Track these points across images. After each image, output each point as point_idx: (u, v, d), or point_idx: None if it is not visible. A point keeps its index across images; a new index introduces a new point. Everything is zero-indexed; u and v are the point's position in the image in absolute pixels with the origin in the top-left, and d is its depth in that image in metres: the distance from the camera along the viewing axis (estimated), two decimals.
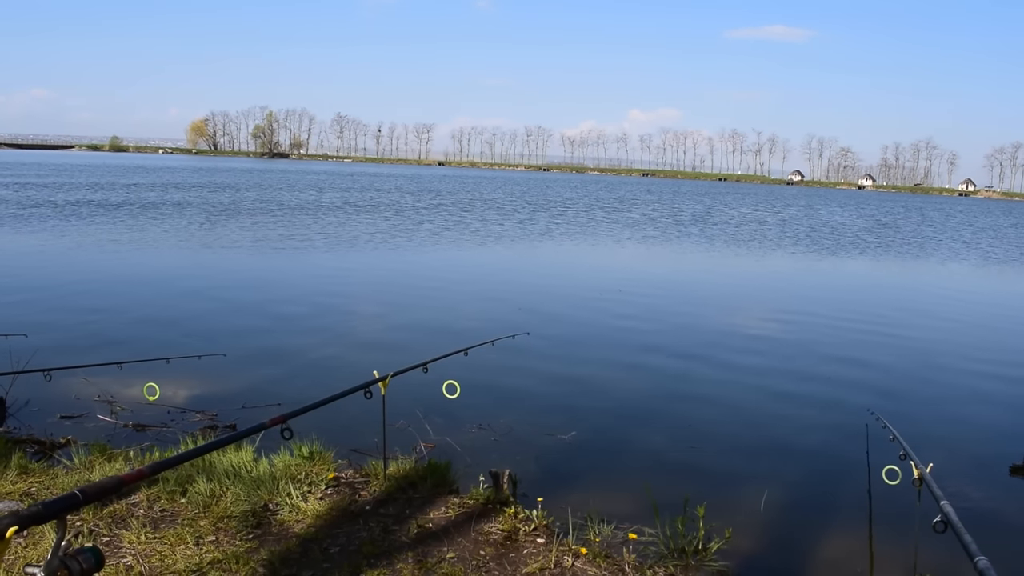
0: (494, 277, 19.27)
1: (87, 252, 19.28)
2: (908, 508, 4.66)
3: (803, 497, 6.70)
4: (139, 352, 8.82)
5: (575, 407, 8.70)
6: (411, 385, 6.42)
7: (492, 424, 7.82)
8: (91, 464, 5.65)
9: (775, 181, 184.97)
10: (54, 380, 6.76)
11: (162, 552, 4.34)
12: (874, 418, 6.05)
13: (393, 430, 6.78)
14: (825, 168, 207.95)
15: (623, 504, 5.98)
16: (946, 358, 12.24)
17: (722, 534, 4.97)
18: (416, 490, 5.42)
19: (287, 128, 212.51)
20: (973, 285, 23.49)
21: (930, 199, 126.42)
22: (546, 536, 4.84)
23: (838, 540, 5.90)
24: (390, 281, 17.55)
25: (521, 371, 9.95)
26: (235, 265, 18.48)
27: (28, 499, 4.99)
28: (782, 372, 10.68)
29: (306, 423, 4.86)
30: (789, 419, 8.75)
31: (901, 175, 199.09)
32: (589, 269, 21.92)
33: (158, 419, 7.51)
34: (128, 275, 16.27)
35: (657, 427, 8.30)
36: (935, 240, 38.15)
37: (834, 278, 22.97)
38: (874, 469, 5.04)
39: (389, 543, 4.61)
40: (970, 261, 29.24)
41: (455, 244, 25.29)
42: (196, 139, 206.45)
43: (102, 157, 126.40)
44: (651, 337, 12.47)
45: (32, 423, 7.27)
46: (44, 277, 15.55)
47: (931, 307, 17.77)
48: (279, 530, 4.74)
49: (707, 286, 19.45)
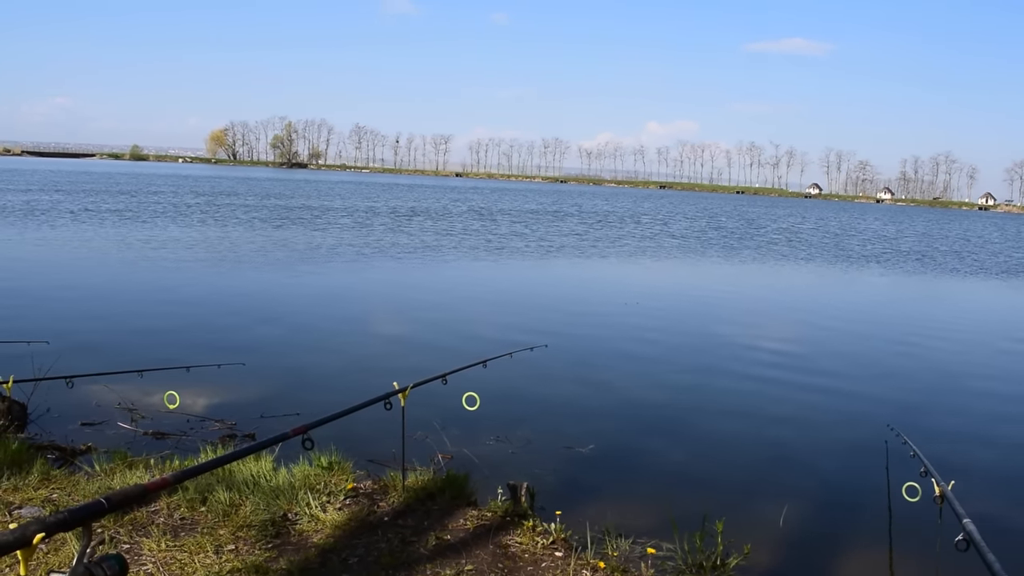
0: (524, 289, 19.29)
1: (111, 260, 19.45)
2: (929, 526, 4.63)
3: (822, 513, 6.65)
4: (160, 360, 8.88)
5: (594, 420, 8.69)
6: (430, 396, 6.42)
7: (510, 436, 7.82)
8: (112, 471, 5.69)
9: (793, 194, 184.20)
10: (75, 387, 6.83)
11: (182, 560, 4.36)
12: (894, 434, 6.01)
13: (412, 441, 6.80)
14: (843, 181, 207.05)
15: (641, 518, 5.97)
16: (969, 374, 12.13)
17: (741, 550, 4.94)
18: (434, 502, 5.43)
19: (306, 138, 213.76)
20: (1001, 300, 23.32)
21: (950, 213, 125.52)
22: (564, 550, 4.83)
23: (858, 557, 5.85)
24: (410, 295, 17.59)
25: (540, 383, 9.95)
26: (256, 275, 18.58)
27: (50, 505, 5.03)
28: (802, 386, 10.62)
29: (325, 433, 4.87)
30: (809, 434, 8.70)
31: (920, 189, 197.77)
32: (609, 282, 21.90)
33: (178, 427, 7.56)
34: (150, 283, 16.38)
35: (676, 440, 8.27)
36: (970, 256, 37.86)
37: (858, 291, 22.84)
38: (894, 486, 5.01)
39: (407, 555, 4.61)
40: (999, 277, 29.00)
41: (513, 257, 25.34)
42: (215, 149, 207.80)
43: (124, 166, 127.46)
44: (670, 350, 12.45)
45: (53, 429, 7.33)
46: (67, 285, 15.68)
47: (954, 321, 17.63)
48: (298, 540, 4.76)
49: (728, 301, 19.37)
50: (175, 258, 20.41)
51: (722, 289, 21.47)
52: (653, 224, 48.70)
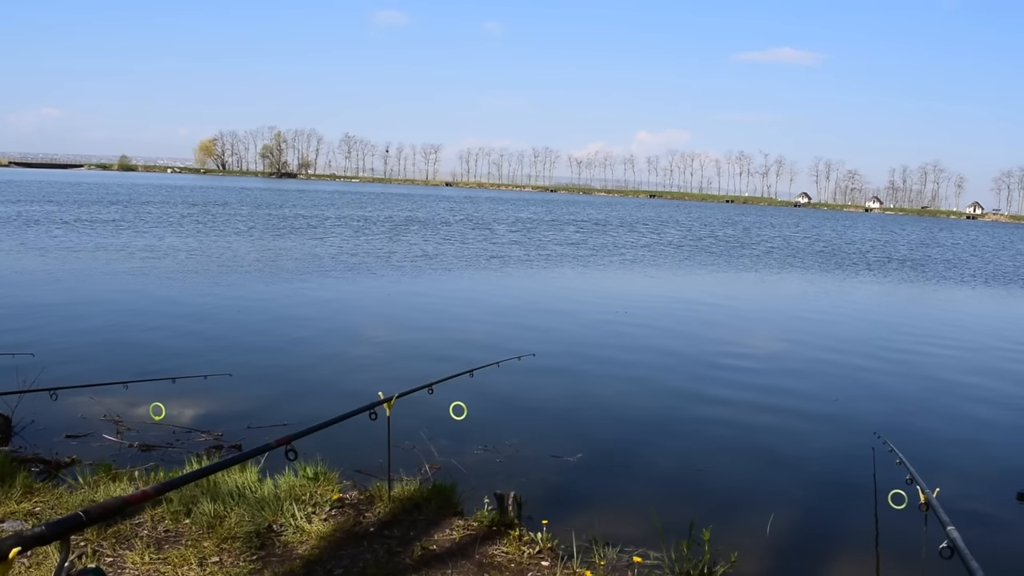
0: (516, 298, 19.29)
1: (97, 271, 19.35)
2: (915, 533, 4.64)
3: (809, 521, 6.66)
4: (145, 372, 8.85)
5: (581, 429, 8.68)
6: (417, 406, 6.42)
7: (497, 446, 7.80)
8: (96, 484, 5.65)
9: (782, 203, 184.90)
10: (60, 399, 6.77)
11: (166, 573, 4.34)
12: (880, 442, 6.03)
13: (398, 451, 6.77)
14: (832, 190, 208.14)
15: (628, 527, 5.96)
16: (957, 381, 12.17)
17: (727, 558, 4.93)
18: (421, 512, 5.41)
19: (295, 148, 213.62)
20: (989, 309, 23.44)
21: (939, 222, 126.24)
22: (551, 559, 4.82)
23: (844, 565, 5.85)
24: (399, 303, 17.57)
25: (527, 392, 9.95)
26: (239, 285, 18.52)
27: (33, 519, 4.99)
28: (789, 394, 10.64)
29: (311, 444, 4.87)
30: (795, 442, 8.71)
31: (908, 198, 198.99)
32: (601, 291, 21.91)
33: (164, 439, 7.51)
34: (137, 294, 16.31)
35: (663, 449, 8.27)
36: (961, 265, 38.07)
37: (839, 300, 22.91)
38: (880, 493, 5.02)
39: (393, 565, 4.59)
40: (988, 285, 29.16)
41: (509, 267, 25.34)
42: (204, 159, 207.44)
43: (113, 176, 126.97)
44: (657, 358, 12.46)
45: (38, 442, 7.27)
46: (51, 297, 15.59)
47: (940, 330, 17.70)
48: (283, 551, 4.73)
49: (717, 309, 19.40)
50: (162, 269, 20.33)
51: (713, 296, 21.50)
52: (649, 232, 48.88)
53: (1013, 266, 38.94)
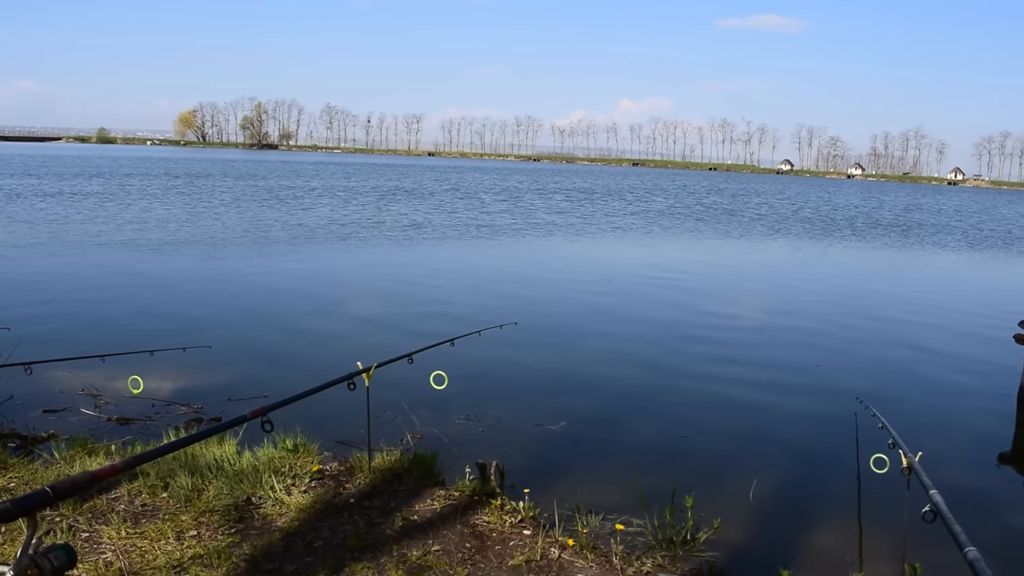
0: (499, 266, 19.20)
1: (73, 243, 19.10)
2: (897, 497, 4.63)
3: (791, 486, 6.67)
4: (123, 344, 8.72)
5: (563, 398, 8.65)
6: (398, 376, 6.37)
7: (480, 415, 7.76)
8: (72, 459, 5.57)
9: (764, 170, 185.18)
10: (37, 374, 6.65)
11: (142, 547, 4.27)
12: (863, 407, 6.03)
13: (379, 422, 6.72)
14: (815, 157, 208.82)
15: (611, 495, 5.94)
16: (940, 348, 12.22)
17: (710, 524, 4.92)
18: (401, 482, 5.36)
19: (276, 119, 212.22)
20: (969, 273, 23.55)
21: (920, 188, 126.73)
22: (532, 528, 4.79)
23: (827, 529, 5.86)
24: (385, 274, 17.46)
25: (509, 361, 9.90)
26: (220, 257, 18.34)
27: (7, 494, 4.91)
28: (771, 361, 10.65)
29: (291, 415, 4.81)
30: (778, 409, 8.71)
31: (890, 164, 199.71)
32: (587, 259, 21.85)
33: (142, 412, 7.43)
34: (112, 267, 16.13)
35: (646, 418, 8.25)
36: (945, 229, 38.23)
37: (824, 267, 22.97)
38: (863, 458, 5.01)
39: (373, 536, 4.55)
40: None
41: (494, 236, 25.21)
42: (184, 130, 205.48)
43: (92, 149, 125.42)
44: (640, 327, 12.43)
45: (14, 418, 7.18)
46: (26, 271, 15.39)
47: (922, 295, 17.77)
48: (262, 524, 4.67)
49: (701, 277, 19.39)
50: (143, 241, 20.10)
51: (699, 264, 21.50)
52: (636, 200, 48.81)
53: (1000, 231, 39.12)
